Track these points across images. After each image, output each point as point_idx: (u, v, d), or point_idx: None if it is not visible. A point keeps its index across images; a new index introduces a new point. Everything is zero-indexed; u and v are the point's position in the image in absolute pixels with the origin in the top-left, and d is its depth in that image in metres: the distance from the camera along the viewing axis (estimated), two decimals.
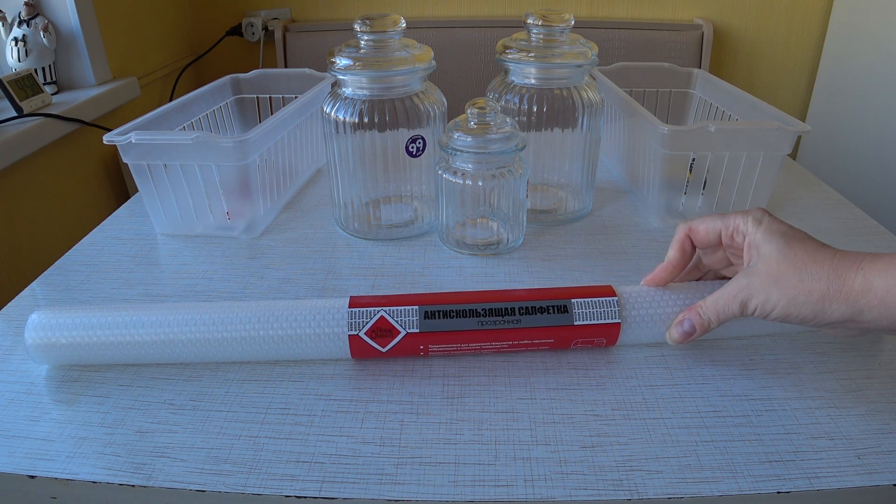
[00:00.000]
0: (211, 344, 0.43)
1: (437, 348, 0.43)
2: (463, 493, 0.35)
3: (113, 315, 0.43)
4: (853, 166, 1.25)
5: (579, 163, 0.63)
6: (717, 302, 0.40)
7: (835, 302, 0.36)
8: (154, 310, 0.43)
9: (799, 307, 0.37)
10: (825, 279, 0.36)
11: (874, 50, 1.18)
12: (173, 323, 0.43)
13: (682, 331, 0.42)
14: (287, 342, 0.43)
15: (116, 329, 0.42)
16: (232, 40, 1.42)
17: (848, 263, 0.36)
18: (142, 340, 0.42)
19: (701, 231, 0.43)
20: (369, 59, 0.55)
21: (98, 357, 0.43)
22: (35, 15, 0.95)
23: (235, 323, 0.43)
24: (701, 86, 0.79)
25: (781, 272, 0.37)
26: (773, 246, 0.38)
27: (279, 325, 0.43)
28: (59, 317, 0.43)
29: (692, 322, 0.41)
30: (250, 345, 0.43)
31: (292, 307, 0.43)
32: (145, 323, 0.43)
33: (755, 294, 0.38)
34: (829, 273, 0.36)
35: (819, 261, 0.37)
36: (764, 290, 0.38)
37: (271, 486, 0.35)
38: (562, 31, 0.59)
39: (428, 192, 0.64)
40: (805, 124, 0.57)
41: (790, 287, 0.37)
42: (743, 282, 0.39)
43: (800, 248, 0.38)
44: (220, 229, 0.63)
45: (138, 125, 0.61)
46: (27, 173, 0.88)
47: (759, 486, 0.35)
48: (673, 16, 1.37)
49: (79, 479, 0.36)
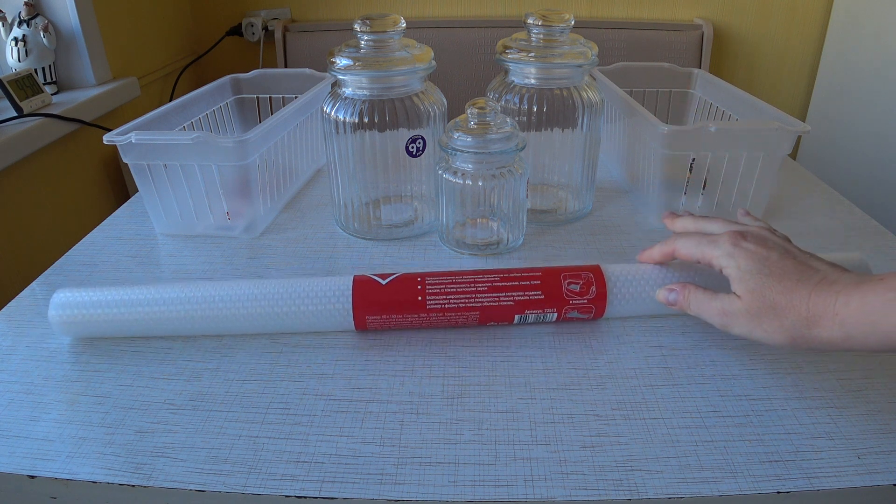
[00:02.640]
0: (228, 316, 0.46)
1: (434, 281, 0.46)
2: (463, 493, 0.35)
3: (133, 291, 0.46)
4: (853, 166, 1.25)
5: (579, 163, 0.63)
6: (700, 305, 0.42)
7: (815, 341, 0.36)
8: (171, 286, 0.47)
9: (782, 343, 0.38)
10: (804, 325, 0.36)
11: (874, 50, 1.18)
12: (192, 299, 0.46)
13: (667, 297, 0.45)
14: (292, 294, 0.46)
15: (136, 305, 0.45)
16: (232, 40, 1.42)
17: (822, 308, 0.36)
18: (160, 313, 0.46)
19: (682, 253, 0.45)
20: (369, 59, 0.55)
21: (118, 329, 0.46)
22: (35, 15, 0.95)
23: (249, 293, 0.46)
24: (701, 86, 0.79)
25: (761, 313, 0.38)
26: (750, 282, 0.39)
27: (286, 285, 0.47)
28: (81, 293, 0.46)
29: (678, 298, 0.44)
30: (263, 313, 0.46)
31: (303, 280, 0.48)
32: (164, 299, 0.46)
33: (736, 325, 0.40)
34: (808, 319, 0.36)
35: (796, 306, 0.37)
36: (746, 325, 0.39)
37: (271, 486, 0.35)
38: (562, 31, 0.59)
39: (428, 192, 0.64)
40: (805, 124, 0.57)
41: (769, 328, 0.38)
42: (727, 306, 0.40)
43: (776, 287, 0.38)
44: (220, 229, 0.63)
45: (138, 125, 0.61)
46: (27, 173, 0.88)
47: (759, 486, 0.35)
48: (673, 16, 1.37)
49: (79, 479, 0.36)
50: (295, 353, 0.46)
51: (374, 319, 0.46)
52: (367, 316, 0.46)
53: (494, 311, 0.46)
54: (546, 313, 0.47)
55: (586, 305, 0.47)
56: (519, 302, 0.46)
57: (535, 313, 0.47)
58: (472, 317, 0.46)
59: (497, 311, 0.46)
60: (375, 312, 0.46)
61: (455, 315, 0.46)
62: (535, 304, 0.46)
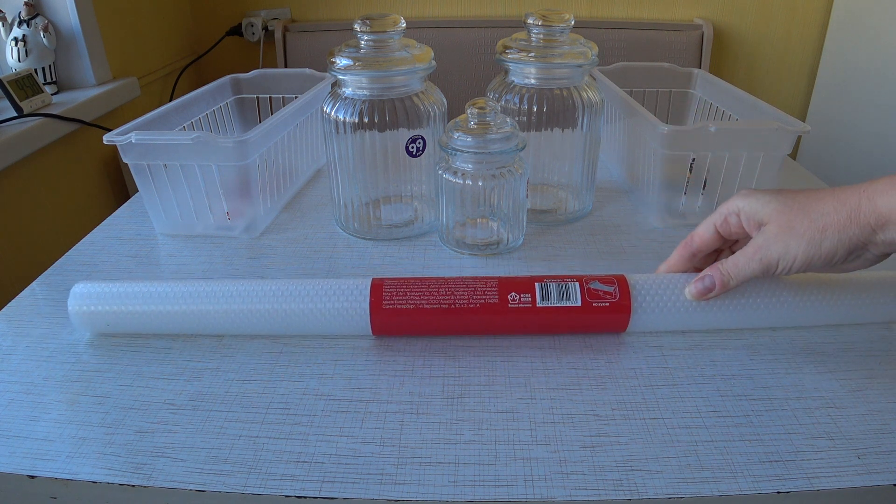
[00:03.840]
0: (240, 314, 0.46)
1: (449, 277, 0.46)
2: (463, 493, 0.35)
3: (148, 287, 0.46)
4: (853, 166, 1.25)
5: (579, 163, 0.63)
6: (737, 261, 0.41)
7: (848, 229, 0.37)
8: (184, 283, 0.47)
9: (818, 246, 0.38)
10: (833, 212, 0.37)
11: (874, 50, 1.18)
12: (204, 294, 0.46)
13: (702, 286, 0.43)
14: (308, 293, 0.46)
15: (152, 300, 0.46)
16: (232, 40, 1.42)
17: (848, 193, 0.37)
18: (174, 311, 0.46)
19: (699, 231, 0.45)
20: (369, 59, 0.55)
21: (135, 326, 0.47)
22: (35, 15, 0.95)
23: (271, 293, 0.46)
24: (701, 86, 0.79)
25: (791, 220, 0.38)
26: (773, 204, 0.40)
27: (302, 284, 0.47)
28: (99, 287, 0.47)
29: (713, 279, 0.43)
30: (281, 315, 0.46)
31: (321, 281, 0.47)
32: (180, 294, 0.46)
33: (774, 247, 0.39)
34: (835, 205, 0.37)
35: (821, 199, 0.38)
36: (782, 241, 0.39)
37: (271, 486, 0.35)
38: (562, 31, 0.59)
39: (428, 192, 0.64)
40: (805, 124, 0.57)
41: (804, 230, 0.38)
42: (759, 240, 0.40)
43: (798, 196, 0.39)
44: (220, 229, 0.63)
45: (138, 125, 0.61)
46: (27, 173, 0.88)
47: (759, 486, 0.35)
48: (673, 16, 1.37)
49: (79, 479, 0.36)
50: (295, 353, 0.46)
51: (391, 286, 0.45)
52: (383, 296, 0.45)
53: (513, 282, 0.45)
54: (567, 283, 0.45)
55: (608, 277, 0.46)
56: (537, 276, 0.46)
57: (557, 282, 0.45)
58: (491, 284, 0.45)
59: (516, 282, 0.46)
60: (392, 284, 0.45)
61: (474, 282, 0.45)
62: (553, 278, 0.46)
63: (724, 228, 0.44)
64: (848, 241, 0.37)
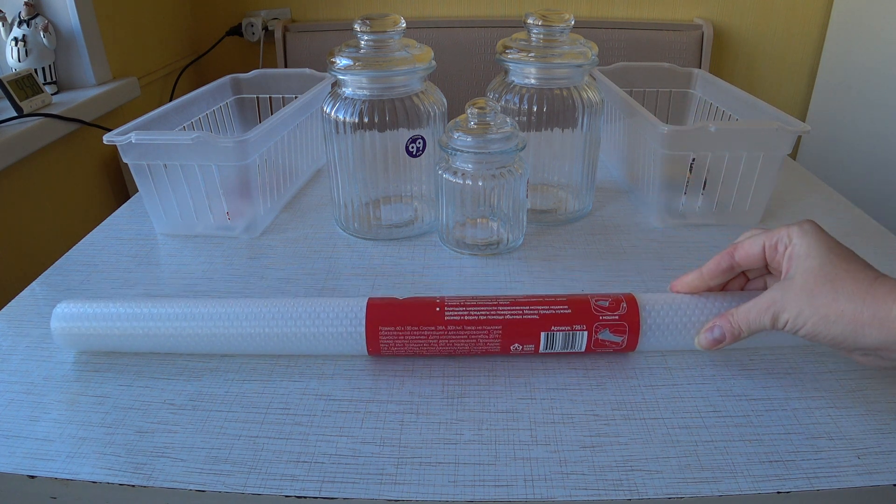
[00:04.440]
0: (231, 338, 0.44)
1: (454, 301, 0.43)
2: (463, 493, 0.35)
3: (136, 307, 0.44)
4: (853, 166, 1.25)
5: (579, 163, 0.63)
6: (748, 312, 0.39)
7: (868, 327, 0.34)
8: (171, 302, 0.45)
9: (829, 326, 0.35)
10: (860, 301, 0.34)
11: (874, 50, 1.18)
12: (191, 315, 0.44)
13: (711, 337, 0.41)
14: (301, 315, 0.44)
15: (139, 321, 0.44)
16: (232, 40, 1.42)
17: (888, 289, 0.34)
18: (163, 333, 0.44)
19: (745, 244, 0.41)
20: (369, 59, 0.55)
21: (121, 346, 0.45)
22: (35, 15, 0.95)
23: (258, 317, 0.44)
24: (701, 86, 0.79)
25: (817, 287, 0.36)
26: (814, 259, 0.37)
27: (294, 305, 0.44)
28: (84, 306, 0.45)
29: (722, 330, 0.40)
30: (272, 338, 0.44)
31: (316, 299, 0.45)
32: (167, 316, 0.44)
33: (787, 307, 0.37)
34: (865, 296, 0.34)
35: (858, 280, 0.35)
36: (796, 305, 0.36)
37: (271, 486, 0.35)
38: (562, 31, 0.59)
39: (428, 192, 0.64)
40: (805, 124, 0.57)
41: (823, 304, 0.35)
42: (777, 294, 0.38)
43: (841, 265, 0.36)
44: (220, 229, 0.63)
45: (138, 125, 0.61)
46: (27, 173, 0.88)
47: (759, 486, 0.35)
48: (673, 16, 1.37)
49: (79, 479, 0.36)
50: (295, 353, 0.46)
51: (388, 334, 0.43)
52: (380, 327, 0.42)
53: (517, 329, 0.42)
54: (575, 330, 0.42)
55: (618, 322, 0.43)
56: (544, 316, 0.42)
57: (564, 331, 0.42)
58: (493, 333, 0.43)
59: (520, 330, 0.42)
60: (389, 323, 0.42)
61: (475, 329, 0.42)
62: (562, 320, 0.42)
63: (770, 253, 0.40)
64: (863, 339, 0.35)
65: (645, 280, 0.54)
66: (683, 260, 0.57)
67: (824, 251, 0.37)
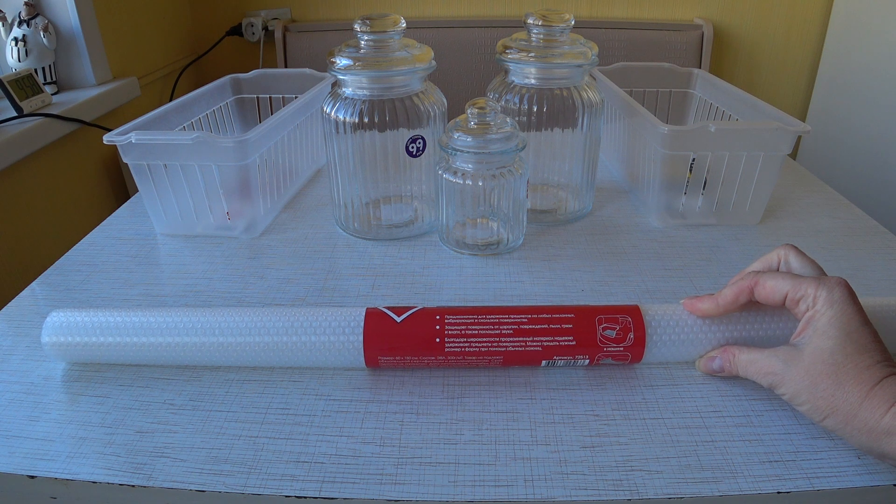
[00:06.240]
0: (227, 348, 0.43)
1: (454, 320, 0.42)
2: (463, 493, 0.35)
3: (129, 317, 0.43)
4: (853, 166, 1.25)
5: (579, 163, 0.63)
6: (750, 365, 0.39)
7: (858, 431, 0.34)
8: (164, 312, 0.44)
9: (823, 417, 0.35)
10: (856, 405, 0.34)
11: (874, 50, 1.18)
12: (184, 328, 0.43)
13: (711, 366, 0.42)
14: (303, 324, 0.43)
15: (132, 335, 0.43)
16: (232, 40, 1.42)
17: (885, 397, 0.33)
18: (155, 343, 0.43)
19: (768, 286, 0.40)
20: (369, 59, 0.55)
21: (115, 358, 0.44)
22: (35, 15, 0.95)
23: (255, 328, 0.43)
24: (701, 86, 0.79)
25: (820, 376, 0.35)
26: (829, 341, 0.36)
27: (290, 315, 0.43)
28: (75, 316, 0.43)
29: (721, 364, 0.41)
30: (271, 350, 0.43)
31: (311, 310, 0.44)
32: (159, 327, 0.43)
33: (786, 384, 0.37)
34: (863, 401, 0.34)
35: (861, 381, 0.34)
36: (795, 386, 0.36)
37: (271, 486, 0.35)
38: (562, 31, 0.59)
39: (428, 192, 0.64)
40: (805, 124, 0.57)
41: (820, 396, 0.35)
42: (779, 366, 0.37)
43: (852, 357, 0.35)
44: (220, 229, 0.63)
45: (138, 125, 0.61)
46: (27, 173, 0.88)
47: (759, 486, 0.35)
48: (673, 16, 1.37)
49: (79, 479, 0.36)
50: None
51: (387, 362, 0.43)
52: (378, 356, 0.42)
53: (520, 355, 0.42)
54: (577, 359, 0.43)
55: (622, 353, 0.42)
56: (547, 347, 0.42)
57: (565, 359, 0.42)
58: (495, 361, 0.42)
59: (523, 355, 0.42)
60: (388, 352, 0.42)
61: (476, 359, 0.42)
62: (565, 350, 0.42)
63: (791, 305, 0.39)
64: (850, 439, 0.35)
65: (645, 280, 0.54)
66: (683, 260, 0.57)
67: (842, 336, 0.36)
